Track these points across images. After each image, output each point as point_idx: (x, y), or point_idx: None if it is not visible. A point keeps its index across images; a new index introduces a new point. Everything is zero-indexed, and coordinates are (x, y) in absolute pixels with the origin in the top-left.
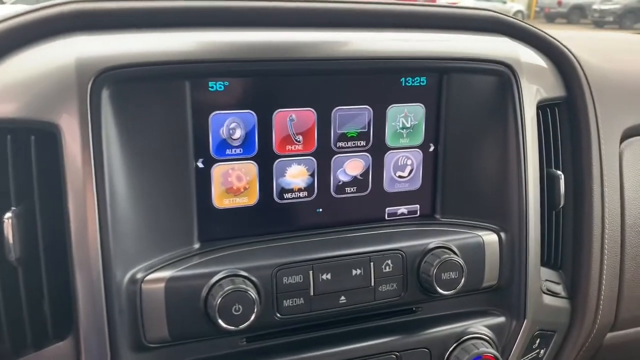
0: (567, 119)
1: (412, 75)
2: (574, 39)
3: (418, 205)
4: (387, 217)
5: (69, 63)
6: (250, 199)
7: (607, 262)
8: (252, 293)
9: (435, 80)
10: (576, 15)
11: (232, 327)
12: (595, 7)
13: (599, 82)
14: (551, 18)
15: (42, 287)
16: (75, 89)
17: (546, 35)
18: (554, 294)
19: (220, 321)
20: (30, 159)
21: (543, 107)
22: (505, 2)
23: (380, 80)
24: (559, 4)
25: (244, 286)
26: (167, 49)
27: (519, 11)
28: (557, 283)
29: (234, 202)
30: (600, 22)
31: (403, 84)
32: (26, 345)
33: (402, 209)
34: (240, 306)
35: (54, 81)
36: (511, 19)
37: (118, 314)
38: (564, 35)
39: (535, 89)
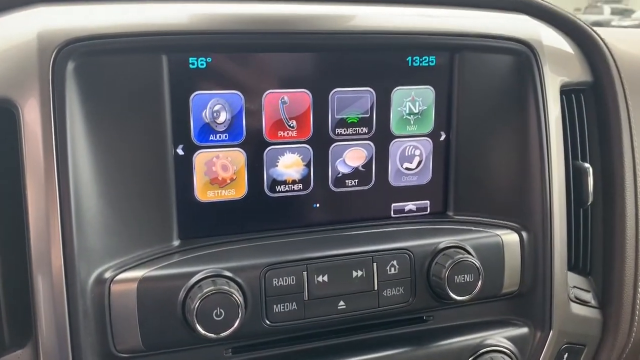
0: (594, 106)
1: (419, 54)
2: (602, 30)
3: (428, 202)
4: (394, 214)
5: (31, 35)
6: (237, 191)
7: None
8: (237, 296)
9: (446, 60)
10: None
11: (212, 335)
12: (614, 23)
13: (629, 68)
14: None
15: None
16: (36, 62)
17: (571, 16)
18: (583, 302)
19: (198, 327)
20: None
21: (567, 93)
22: None
23: (383, 60)
24: None
25: (226, 288)
26: (140, 20)
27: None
28: (587, 290)
29: (219, 194)
30: None
31: (410, 64)
32: None
33: (410, 205)
34: (222, 311)
35: (14, 54)
36: None
37: (82, 318)
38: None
39: (558, 72)
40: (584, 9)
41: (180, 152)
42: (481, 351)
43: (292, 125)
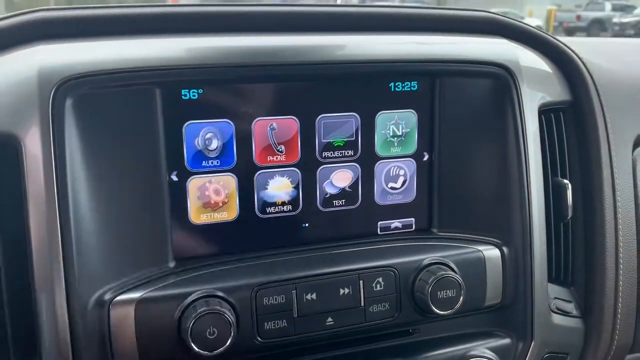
0: (573, 124)
1: (401, 80)
2: (582, 44)
3: (413, 219)
4: (380, 231)
5: (31, 72)
6: (229, 213)
7: (622, 277)
8: (229, 315)
9: (427, 85)
10: (596, 29)
11: (206, 352)
12: (615, 20)
13: (607, 85)
14: (570, 32)
15: (3, 311)
16: (37, 98)
17: (548, 37)
18: (564, 312)
19: (193, 345)
20: None
21: (547, 112)
22: (523, 18)
23: (367, 86)
24: (578, 18)
25: (219, 308)
26: (134, 56)
27: (537, 26)
28: (568, 301)
29: (212, 217)
30: (620, 35)
31: (392, 90)
32: None
33: (396, 223)
34: (215, 329)
35: (15, 91)
36: (509, 19)
37: (84, 338)
38: (572, 41)
39: (536, 93)
40: (585, 5)
41: (174, 178)
42: None
43: (280, 150)
